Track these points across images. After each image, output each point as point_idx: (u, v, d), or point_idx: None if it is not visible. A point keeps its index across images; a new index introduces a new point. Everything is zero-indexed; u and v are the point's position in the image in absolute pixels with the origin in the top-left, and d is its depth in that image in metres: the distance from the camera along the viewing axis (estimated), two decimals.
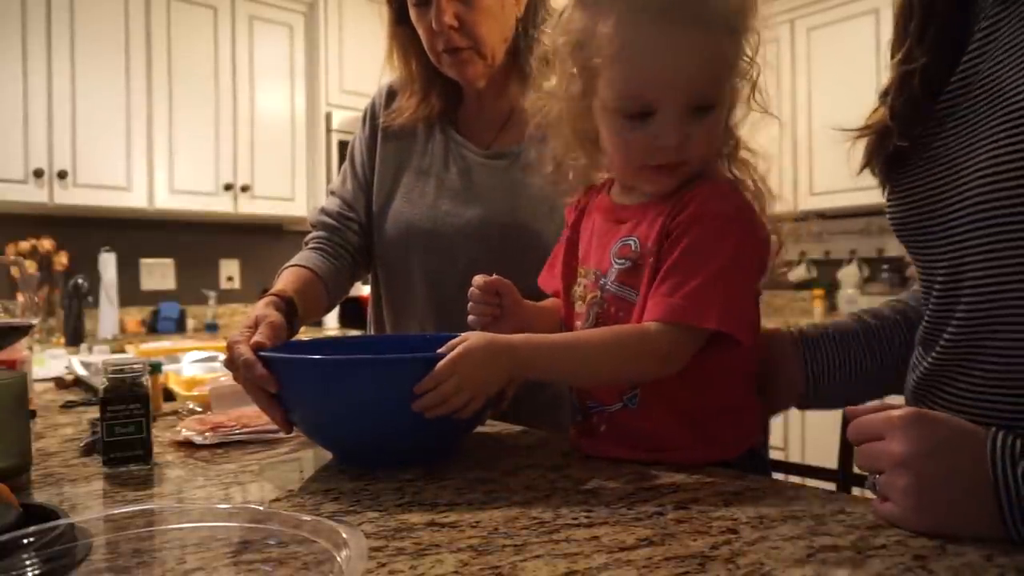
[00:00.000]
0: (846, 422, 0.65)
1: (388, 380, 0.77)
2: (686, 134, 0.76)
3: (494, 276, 0.90)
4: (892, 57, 0.73)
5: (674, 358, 0.76)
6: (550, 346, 0.78)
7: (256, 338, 0.85)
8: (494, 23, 1.11)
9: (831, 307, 3.58)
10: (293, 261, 1.16)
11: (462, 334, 0.76)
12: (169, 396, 1.24)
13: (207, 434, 0.93)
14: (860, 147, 0.78)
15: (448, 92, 1.24)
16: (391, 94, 1.29)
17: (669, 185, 0.81)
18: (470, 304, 0.91)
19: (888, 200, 0.76)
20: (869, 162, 0.77)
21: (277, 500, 0.71)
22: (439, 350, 0.75)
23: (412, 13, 1.14)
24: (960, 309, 0.66)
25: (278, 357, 0.81)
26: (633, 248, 0.82)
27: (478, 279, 0.90)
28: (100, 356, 1.77)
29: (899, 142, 0.70)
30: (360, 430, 0.80)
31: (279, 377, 0.80)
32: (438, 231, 1.18)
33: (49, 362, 1.73)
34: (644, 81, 0.75)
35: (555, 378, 0.86)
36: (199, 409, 1.12)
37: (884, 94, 0.74)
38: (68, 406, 1.24)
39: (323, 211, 1.27)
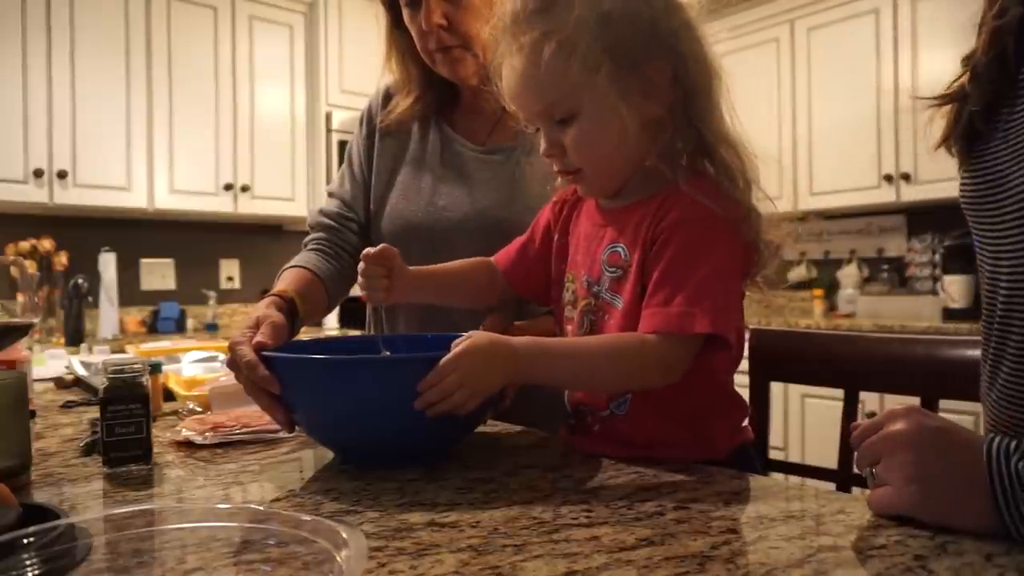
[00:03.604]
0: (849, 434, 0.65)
1: (392, 380, 0.77)
2: (553, 142, 0.81)
3: (381, 245, 0.91)
4: (983, 19, 0.68)
5: (675, 368, 0.77)
6: (551, 352, 0.79)
7: (258, 338, 0.85)
8: (483, 21, 1.12)
9: (831, 307, 3.58)
10: (293, 262, 1.16)
11: (465, 333, 0.77)
12: (169, 396, 1.23)
13: (207, 434, 0.93)
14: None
15: (444, 93, 1.25)
16: (388, 96, 1.30)
17: (585, 191, 0.88)
18: (360, 280, 0.92)
19: (962, 178, 0.71)
20: (948, 136, 0.72)
21: (277, 500, 0.71)
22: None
23: (404, 15, 1.16)
24: (1000, 294, 0.64)
25: (282, 357, 0.81)
26: (623, 256, 0.82)
27: (367, 251, 0.90)
28: (100, 356, 1.77)
29: (975, 107, 0.66)
30: (363, 430, 0.80)
31: (282, 377, 0.80)
32: (435, 226, 1.18)
33: (49, 362, 1.73)
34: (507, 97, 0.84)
35: (555, 384, 0.86)
36: (199, 409, 1.12)
37: (967, 59, 0.69)
38: (68, 406, 1.24)
39: (322, 212, 1.27)
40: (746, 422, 0.89)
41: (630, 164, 0.82)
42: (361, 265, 0.91)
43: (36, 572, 0.47)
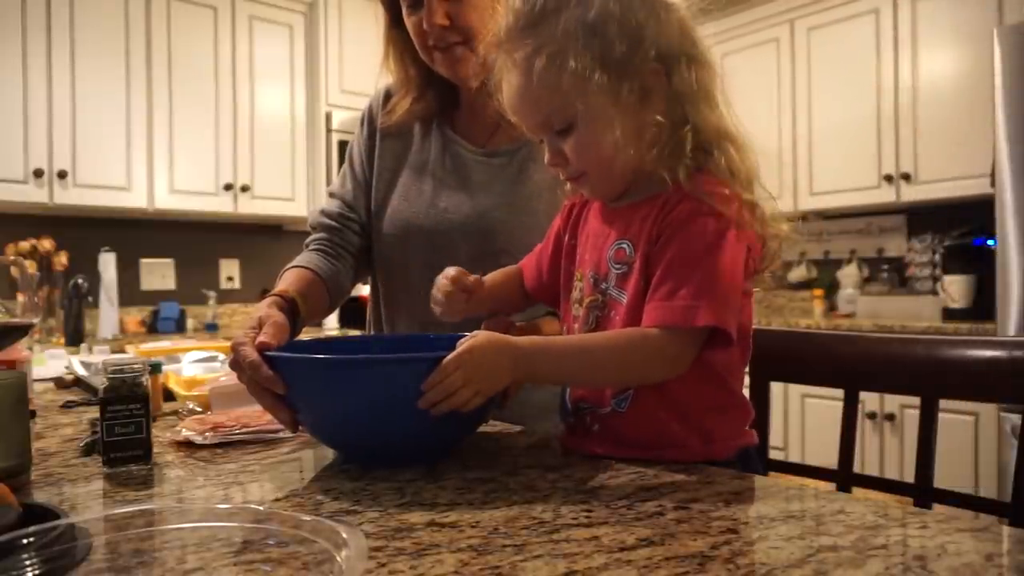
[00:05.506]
0: None
1: (397, 379, 0.77)
2: (555, 151, 0.83)
3: (456, 272, 0.92)
4: None
5: (679, 361, 0.77)
6: (555, 349, 0.79)
7: (261, 338, 0.85)
8: (486, 17, 1.11)
9: (831, 307, 3.58)
10: (294, 262, 1.16)
11: (468, 333, 0.77)
12: (169, 396, 1.23)
13: (207, 434, 0.93)
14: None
15: (443, 94, 1.24)
16: (388, 96, 1.30)
17: (590, 194, 0.90)
18: (440, 301, 0.92)
19: None
20: None
21: (277, 500, 0.71)
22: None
23: (404, 14, 1.15)
24: None
25: (286, 357, 0.81)
26: (628, 252, 0.83)
27: (451, 272, 0.92)
28: (100, 356, 1.77)
29: None
30: (367, 429, 0.80)
31: (286, 377, 0.80)
32: (436, 228, 1.18)
33: (49, 362, 1.73)
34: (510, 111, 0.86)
35: (559, 381, 0.87)
36: (199, 409, 1.12)
37: None
38: (68, 406, 1.23)
39: (323, 212, 1.27)
40: (749, 426, 0.89)
41: (631, 167, 0.83)
42: (446, 288, 0.92)
43: (36, 572, 0.47)
